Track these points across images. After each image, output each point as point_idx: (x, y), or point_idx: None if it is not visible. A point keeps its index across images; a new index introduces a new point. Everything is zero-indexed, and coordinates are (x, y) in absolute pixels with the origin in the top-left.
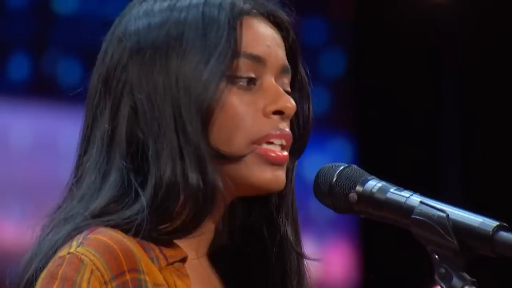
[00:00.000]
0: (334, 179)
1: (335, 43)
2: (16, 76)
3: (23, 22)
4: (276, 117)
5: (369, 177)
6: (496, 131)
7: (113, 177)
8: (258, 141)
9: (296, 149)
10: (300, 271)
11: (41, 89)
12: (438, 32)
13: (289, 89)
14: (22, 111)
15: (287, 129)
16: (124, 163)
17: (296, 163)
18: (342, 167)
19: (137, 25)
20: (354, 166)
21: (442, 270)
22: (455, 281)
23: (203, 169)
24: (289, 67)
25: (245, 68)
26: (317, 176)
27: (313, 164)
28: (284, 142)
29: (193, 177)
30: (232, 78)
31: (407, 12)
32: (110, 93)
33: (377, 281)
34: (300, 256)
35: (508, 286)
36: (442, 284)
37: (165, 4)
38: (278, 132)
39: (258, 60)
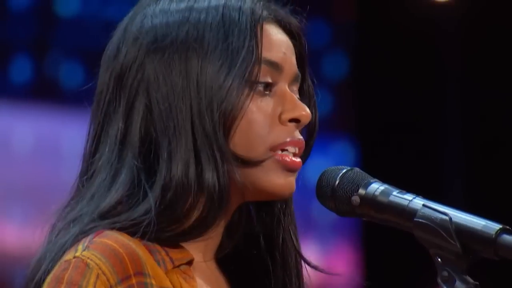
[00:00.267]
0: (337, 182)
1: (338, 45)
2: (18, 79)
3: (25, 25)
4: (291, 124)
5: (371, 180)
6: (499, 133)
7: (124, 177)
8: (275, 148)
9: (302, 156)
10: (299, 276)
11: (43, 91)
12: (441, 34)
13: (298, 96)
14: (24, 113)
15: (301, 137)
16: (136, 163)
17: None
18: (344, 170)
19: (154, 23)
20: (357, 169)
21: (445, 273)
22: (458, 284)
23: (220, 172)
24: (300, 75)
25: (263, 74)
26: (319, 179)
27: (316, 167)
28: (297, 150)
29: (210, 179)
30: (251, 83)
31: (410, 14)
32: (125, 91)
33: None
34: (300, 257)
35: None
36: (445, 287)
37: (183, 4)
38: (293, 140)
39: (275, 67)
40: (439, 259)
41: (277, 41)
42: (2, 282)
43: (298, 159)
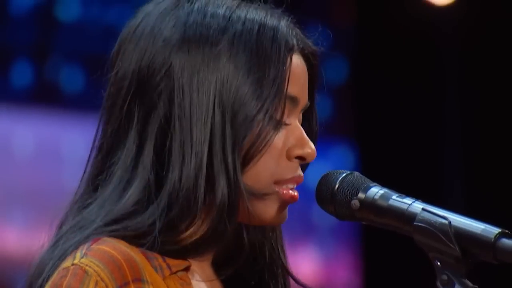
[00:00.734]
0: (337, 186)
1: (337, 50)
2: (18, 83)
3: (26, 29)
4: (296, 161)
5: (371, 184)
6: (498, 138)
7: (135, 187)
8: (278, 182)
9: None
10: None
11: (44, 95)
12: (440, 38)
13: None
14: (25, 117)
15: (302, 174)
16: (149, 175)
17: None
18: (344, 174)
19: (187, 27)
20: (357, 173)
21: (444, 277)
22: (457, 287)
23: (232, 198)
24: (308, 104)
25: (283, 108)
26: (319, 183)
27: (316, 171)
28: (295, 185)
29: (221, 201)
30: (276, 120)
31: (409, 18)
32: (145, 96)
33: None
34: (288, 272)
35: None
36: None
37: (220, 11)
38: (295, 177)
39: (294, 101)
40: (439, 263)
41: (299, 74)
42: (2, 286)
43: (296, 193)
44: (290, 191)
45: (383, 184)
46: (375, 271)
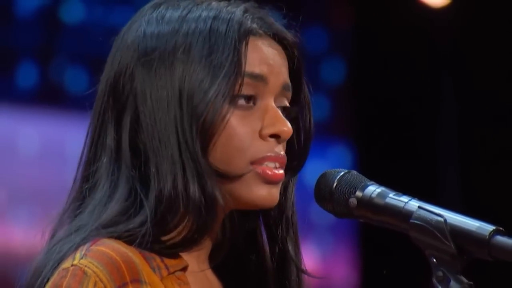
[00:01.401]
0: (335, 184)
1: (335, 51)
2: (24, 84)
3: (31, 31)
4: (272, 139)
5: (368, 183)
6: (495, 139)
7: (122, 188)
8: (254, 162)
9: (296, 165)
10: (299, 284)
11: (49, 96)
12: (436, 40)
13: (287, 105)
14: (30, 118)
15: (282, 152)
16: (131, 173)
17: (296, 178)
18: (342, 173)
19: (146, 34)
20: (354, 172)
21: (440, 274)
22: (453, 284)
23: (204, 185)
24: (290, 85)
25: (246, 87)
26: (318, 182)
27: (314, 170)
28: (277, 165)
29: (195, 192)
30: (233, 97)
31: (405, 20)
32: (116, 101)
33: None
34: (300, 270)
35: None
36: (440, 287)
37: (177, 13)
38: (273, 155)
39: (259, 79)
40: (434, 260)
41: (263, 54)
42: (8, 283)
43: (280, 171)
44: (273, 170)
45: (380, 182)
46: (373, 268)
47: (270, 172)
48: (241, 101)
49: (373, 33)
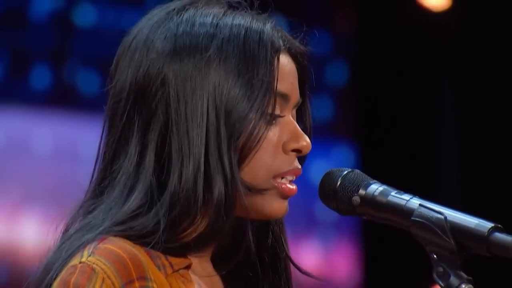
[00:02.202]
0: (339, 183)
1: (338, 54)
2: (38, 86)
3: (45, 35)
4: (293, 154)
5: (371, 181)
6: (492, 140)
7: (138, 192)
8: (276, 176)
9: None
10: (288, 276)
11: (62, 97)
12: (436, 43)
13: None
14: (44, 118)
15: (299, 166)
16: (151, 178)
17: None
18: (346, 172)
19: (178, 39)
20: (357, 171)
21: (440, 269)
22: (452, 279)
23: (228, 195)
24: (300, 101)
25: (274, 105)
26: (322, 180)
27: (318, 169)
28: (294, 178)
29: (219, 200)
30: (267, 117)
31: (406, 24)
32: (144, 104)
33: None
34: (294, 265)
35: (502, 284)
36: (440, 282)
37: (207, 20)
38: (294, 169)
39: (285, 98)
40: (435, 256)
41: (287, 72)
42: (21, 278)
43: (294, 186)
44: (289, 185)
45: (382, 181)
46: (375, 263)
47: (287, 188)
48: (271, 119)
49: (374, 37)
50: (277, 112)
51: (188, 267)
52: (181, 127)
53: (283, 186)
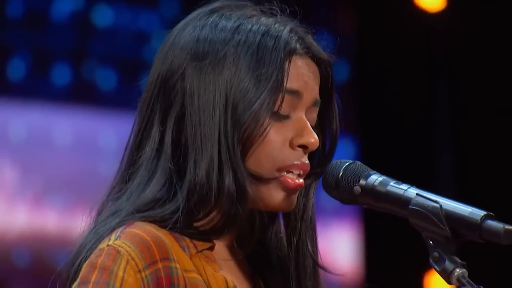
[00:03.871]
0: (340, 173)
1: (340, 53)
2: (59, 82)
3: (65, 34)
4: (300, 149)
5: (371, 172)
6: (487, 134)
7: (158, 177)
8: (281, 169)
9: (319, 171)
10: (315, 275)
11: (81, 94)
12: (433, 42)
13: (316, 118)
14: (64, 113)
15: (307, 161)
16: (169, 165)
17: (318, 182)
18: (347, 163)
19: (200, 38)
20: (358, 163)
21: (436, 254)
22: (447, 263)
23: (238, 181)
24: (319, 101)
25: (284, 102)
26: (325, 171)
27: None
28: (301, 173)
29: (230, 187)
30: (273, 113)
31: (405, 25)
32: (165, 95)
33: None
34: (318, 265)
35: (495, 268)
36: (436, 266)
37: (229, 24)
38: (299, 163)
39: (295, 94)
40: (431, 242)
41: (301, 72)
42: (43, 264)
43: (301, 180)
44: (295, 179)
45: (381, 172)
46: (375, 250)
47: (291, 182)
48: (277, 113)
49: (374, 38)
50: (286, 108)
51: (211, 248)
52: (195, 119)
53: (285, 178)
